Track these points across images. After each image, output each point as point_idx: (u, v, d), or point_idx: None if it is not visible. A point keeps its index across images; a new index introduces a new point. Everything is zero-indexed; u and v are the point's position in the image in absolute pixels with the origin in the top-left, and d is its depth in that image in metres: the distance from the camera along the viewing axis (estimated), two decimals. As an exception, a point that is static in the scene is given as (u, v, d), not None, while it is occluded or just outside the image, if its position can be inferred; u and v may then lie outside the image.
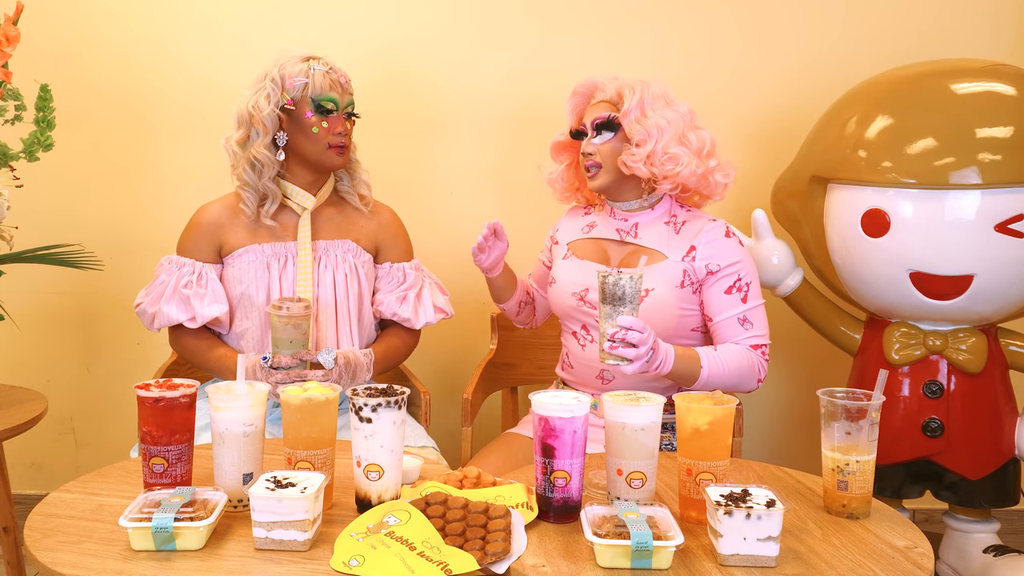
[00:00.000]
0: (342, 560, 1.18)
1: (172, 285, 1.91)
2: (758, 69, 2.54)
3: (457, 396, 2.17)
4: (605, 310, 1.59)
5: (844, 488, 1.37)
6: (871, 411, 1.37)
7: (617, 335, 1.57)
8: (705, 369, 1.73)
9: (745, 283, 1.83)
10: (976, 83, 2.00)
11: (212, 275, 1.93)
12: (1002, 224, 1.91)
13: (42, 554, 1.19)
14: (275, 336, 1.78)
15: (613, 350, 1.57)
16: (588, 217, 2.02)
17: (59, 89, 2.00)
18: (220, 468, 1.35)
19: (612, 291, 1.57)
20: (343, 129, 1.91)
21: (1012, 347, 2.12)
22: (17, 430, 1.84)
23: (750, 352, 1.80)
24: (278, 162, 1.91)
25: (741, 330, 1.81)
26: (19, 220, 2.04)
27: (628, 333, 1.56)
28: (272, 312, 1.77)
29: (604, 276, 1.58)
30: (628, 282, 1.56)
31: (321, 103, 1.88)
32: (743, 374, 1.78)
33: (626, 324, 1.56)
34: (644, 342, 1.57)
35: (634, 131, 1.83)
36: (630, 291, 1.56)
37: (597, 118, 1.88)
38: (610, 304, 1.57)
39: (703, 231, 1.85)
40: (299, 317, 1.77)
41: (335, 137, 1.90)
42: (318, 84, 1.88)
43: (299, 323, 1.77)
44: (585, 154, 1.88)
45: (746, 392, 1.84)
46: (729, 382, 1.77)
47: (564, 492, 1.32)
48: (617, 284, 1.56)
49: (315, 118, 1.88)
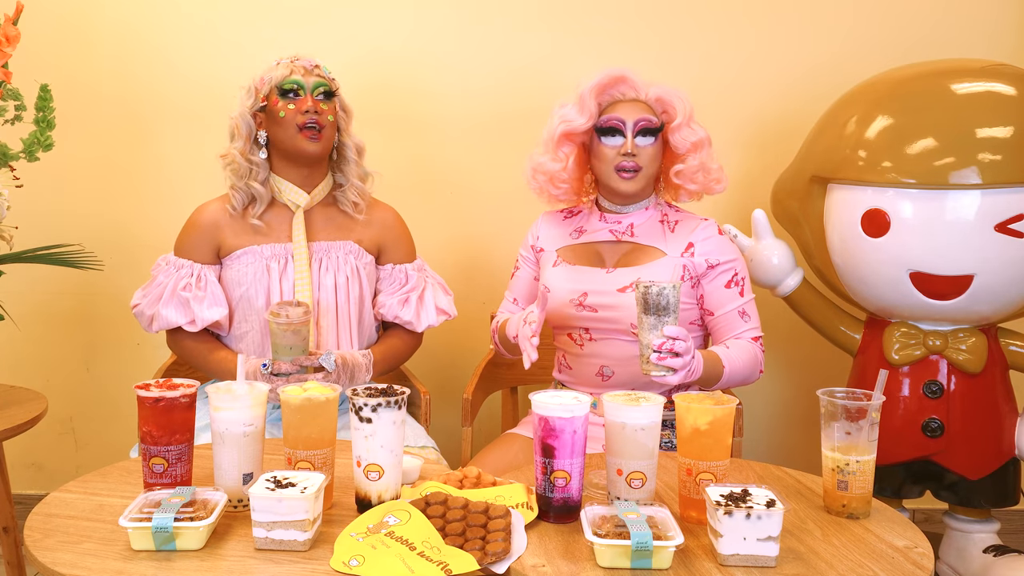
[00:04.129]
0: (342, 560, 1.18)
1: (171, 287, 1.89)
2: (758, 70, 2.54)
3: (457, 396, 2.17)
4: (649, 321, 1.56)
5: (844, 488, 1.37)
6: (871, 411, 1.37)
7: (664, 346, 1.56)
8: (727, 367, 1.77)
9: (741, 277, 1.89)
10: (976, 83, 2.00)
11: (211, 277, 1.92)
12: (1002, 224, 1.91)
13: (42, 554, 1.19)
14: (274, 342, 1.74)
15: (661, 361, 1.56)
16: (572, 221, 1.99)
17: (59, 89, 2.00)
18: (220, 468, 1.35)
19: (656, 301, 1.55)
20: (310, 107, 1.87)
21: (1012, 347, 2.12)
22: (17, 430, 1.84)
23: (752, 345, 1.85)
24: (261, 162, 1.92)
25: (741, 323, 1.86)
26: (19, 220, 2.04)
27: (675, 343, 1.56)
28: (271, 319, 1.73)
29: (646, 287, 1.55)
30: (671, 292, 1.55)
31: (283, 87, 1.89)
32: (751, 368, 1.83)
33: (673, 334, 1.55)
34: (688, 351, 1.58)
35: (682, 145, 1.87)
36: (673, 301, 1.55)
37: (643, 120, 1.85)
38: (654, 315, 1.55)
39: (699, 228, 1.90)
40: (298, 323, 1.73)
41: (303, 116, 1.87)
42: (280, 73, 1.90)
43: (298, 329, 1.73)
44: (627, 154, 1.84)
45: (749, 384, 1.88)
46: (741, 376, 1.82)
47: (564, 492, 1.32)
48: (661, 295, 1.54)
49: (281, 103, 1.88)
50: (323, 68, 1.95)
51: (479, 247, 2.61)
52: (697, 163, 1.89)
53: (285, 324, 1.72)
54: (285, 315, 1.72)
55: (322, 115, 1.89)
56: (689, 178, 1.90)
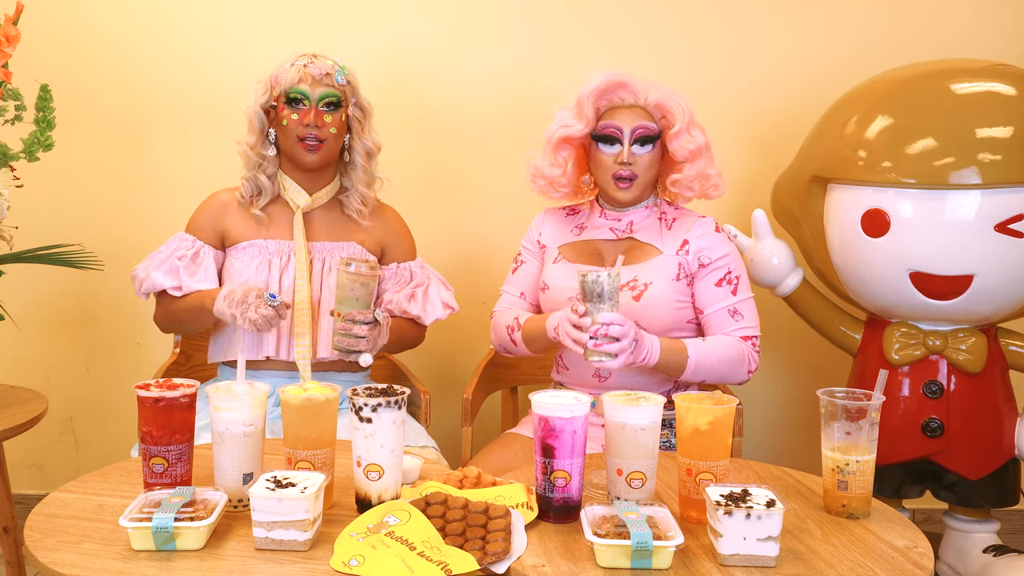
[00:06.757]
0: (342, 560, 1.18)
1: (168, 254, 1.95)
2: (759, 70, 2.54)
3: (457, 396, 2.17)
4: (587, 308, 1.62)
5: (844, 488, 1.37)
6: (871, 411, 1.37)
7: (599, 331, 1.60)
8: (692, 359, 1.75)
9: (735, 276, 1.86)
10: (976, 83, 2.00)
11: (209, 257, 1.96)
12: (1002, 224, 1.91)
13: (42, 554, 1.19)
14: (342, 294, 1.79)
15: (597, 347, 1.60)
16: (574, 218, 1.99)
17: (59, 89, 2.00)
18: (220, 468, 1.35)
19: (591, 289, 1.61)
20: (311, 121, 1.88)
21: (1012, 347, 2.12)
22: (17, 430, 1.84)
23: (740, 343, 1.82)
24: (270, 157, 1.96)
25: (732, 321, 1.84)
26: (19, 220, 2.03)
27: (609, 328, 1.60)
28: (343, 269, 1.78)
29: (583, 275, 1.62)
30: (606, 279, 1.60)
31: (290, 95, 1.90)
32: (732, 364, 1.80)
33: (606, 320, 1.60)
34: (625, 335, 1.61)
35: (681, 153, 1.84)
36: (608, 288, 1.60)
37: (641, 128, 1.83)
38: (590, 302, 1.62)
39: (695, 226, 1.89)
40: (367, 276, 1.79)
41: (303, 129, 1.89)
42: (289, 78, 1.91)
43: (367, 282, 1.80)
44: (624, 163, 1.84)
45: (738, 384, 1.86)
46: (718, 372, 1.79)
47: (564, 492, 1.32)
48: (596, 282, 1.60)
49: (287, 111, 1.90)
50: (336, 74, 1.92)
51: (479, 247, 2.61)
52: (694, 172, 1.86)
53: (355, 275, 1.78)
54: (357, 268, 1.78)
55: (323, 128, 1.90)
56: (686, 187, 1.89)
